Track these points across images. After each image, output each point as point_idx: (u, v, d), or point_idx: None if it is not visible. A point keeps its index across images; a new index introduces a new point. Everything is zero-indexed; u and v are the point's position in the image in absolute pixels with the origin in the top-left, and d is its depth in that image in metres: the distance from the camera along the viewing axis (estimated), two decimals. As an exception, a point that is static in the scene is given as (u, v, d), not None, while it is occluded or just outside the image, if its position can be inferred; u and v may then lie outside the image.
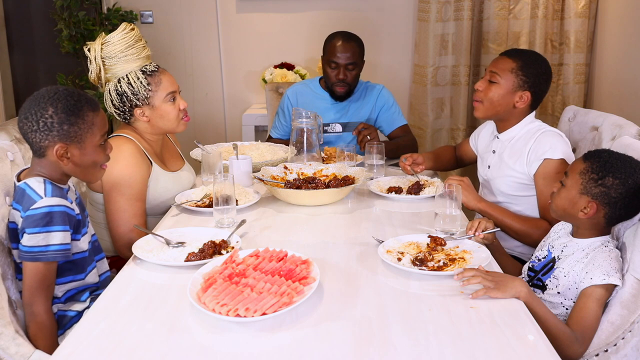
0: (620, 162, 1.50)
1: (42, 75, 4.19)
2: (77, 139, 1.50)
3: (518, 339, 1.20)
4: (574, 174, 1.54)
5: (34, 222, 1.44)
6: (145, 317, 1.30)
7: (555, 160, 1.88)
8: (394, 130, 2.80)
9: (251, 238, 1.76)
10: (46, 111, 1.46)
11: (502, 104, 1.97)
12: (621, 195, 1.47)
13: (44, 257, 1.45)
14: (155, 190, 2.03)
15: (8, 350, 1.34)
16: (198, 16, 3.98)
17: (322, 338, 1.21)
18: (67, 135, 1.48)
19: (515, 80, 1.94)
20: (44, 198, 1.46)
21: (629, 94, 3.22)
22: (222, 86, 4.09)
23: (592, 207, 1.49)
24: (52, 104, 1.46)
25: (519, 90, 1.95)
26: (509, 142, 2.02)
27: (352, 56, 2.64)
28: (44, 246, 1.45)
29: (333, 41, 2.67)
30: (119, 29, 1.99)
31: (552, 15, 3.74)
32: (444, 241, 1.63)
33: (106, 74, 1.99)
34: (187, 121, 2.09)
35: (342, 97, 2.75)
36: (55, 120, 1.46)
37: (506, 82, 1.95)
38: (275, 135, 2.91)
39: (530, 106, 1.99)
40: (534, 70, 1.95)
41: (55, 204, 1.46)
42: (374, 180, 2.26)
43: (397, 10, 3.94)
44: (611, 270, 1.45)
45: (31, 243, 1.44)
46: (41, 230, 1.44)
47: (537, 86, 1.96)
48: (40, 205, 1.45)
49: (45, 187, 1.48)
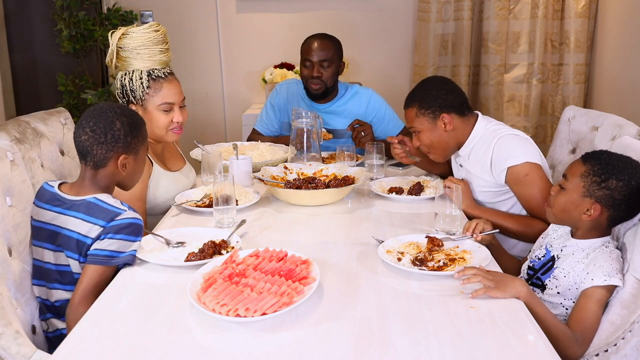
0: (622, 164, 1.49)
1: (42, 75, 4.19)
2: (134, 151, 1.65)
3: (518, 339, 1.20)
4: (574, 177, 1.53)
5: (122, 230, 1.53)
6: (145, 317, 1.30)
7: (519, 165, 1.88)
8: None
9: (251, 238, 1.76)
10: (114, 125, 1.60)
11: (439, 139, 2.00)
12: (625, 197, 1.47)
13: (116, 261, 1.53)
14: (155, 190, 2.03)
15: (9, 350, 1.34)
16: (198, 16, 3.98)
17: (322, 338, 1.21)
18: (129, 147, 1.63)
19: (424, 119, 1.98)
20: (127, 211, 1.56)
21: (629, 94, 3.22)
22: (222, 86, 4.09)
23: (596, 209, 1.49)
24: (119, 119, 1.61)
25: (437, 121, 1.97)
26: (470, 154, 2.03)
27: (326, 54, 2.62)
28: (121, 252, 1.53)
29: (307, 41, 2.68)
30: (145, 25, 2.04)
31: (552, 15, 3.74)
32: (441, 242, 1.63)
33: (118, 62, 2.06)
34: (177, 133, 2.08)
35: (317, 96, 2.70)
36: (122, 133, 1.61)
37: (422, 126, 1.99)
38: (259, 127, 2.87)
39: (460, 118, 1.99)
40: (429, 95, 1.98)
41: (137, 217, 1.58)
42: (375, 180, 2.26)
43: (397, 10, 3.94)
44: (612, 271, 1.45)
45: (113, 247, 1.52)
46: (127, 238, 1.54)
47: (444, 103, 1.97)
48: (126, 216, 1.55)
49: (122, 203, 1.59)
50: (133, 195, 1.90)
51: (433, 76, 2.05)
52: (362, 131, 2.55)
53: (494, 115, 3.78)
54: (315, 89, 2.67)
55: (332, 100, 2.75)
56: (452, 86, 2.04)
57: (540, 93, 3.85)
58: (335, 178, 2.11)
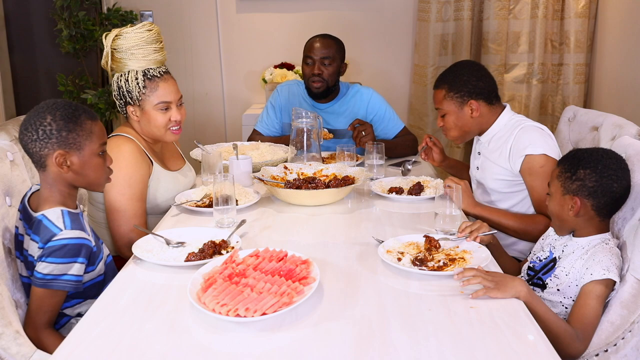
0: (587, 154, 1.54)
1: (42, 75, 4.19)
2: (75, 146, 1.50)
3: (518, 339, 1.20)
4: (553, 179, 1.59)
5: (54, 252, 1.45)
6: (145, 317, 1.30)
7: (537, 156, 1.90)
8: (394, 138, 2.78)
9: (251, 238, 1.76)
10: (45, 119, 1.47)
11: (463, 125, 2.03)
12: (597, 182, 1.50)
13: (55, 285, 1.46)
14: (155, 190, 2.03)
15: (9, 350, 1.34)
16: (198, 16, 3.98)
17: (322, 338, 1.21)
18: (66, 142, 1.49)
19: (452, 102, 2.01)
20: (64, 230, 1.47)
21: (629, 94, 3.22)
22: (222, 86, 4.09)
23: (576, 202, 1.52)
24: (50, 113, 1.48)
25: (464, 106, 2.00)
26: (490, 142, 2.05)
27: (328, 51, 2.63)
28: (59, 275, 1.46)
29: (310, 40, 2.70)
30: (138, 25, 2.02)
31: (552, 15, 3.74)
32: (438, 243, 1.63)
33: (113, 64, 2.03)
34: (176, 133, 2.05)
35: (318, 95, 2.70)
36: (53, 128, 1.47)
37: (449, 108, 2.02)
38: (259, 128, 2.87)
39: (488, 106, 2.01)
40: (460, 80, 2.00)
41: (76, 236, 1.48)
42: (375, 180, 2.26)
43: (397, 10, 3.94)
44: (611, 266, 1.46)
45: (47, 271, 1.45)
46: (60, 261, 1.46)
47: (474, 89, 1.99)
48: (61, 237, 1.46)
49: (64, 219, 1.49)
50: (133, 196, 1.90)
51: (466, 60, 2.06)
52: (362, 130, 2.55)
53: (494, 115, 3.78)
54: (316, 87, 2.67)
55: (333, 100, 2.76)
56: (484, 73, 2.05)
57: (540, 93, 3.85)
58: (335, 178, 2.11)
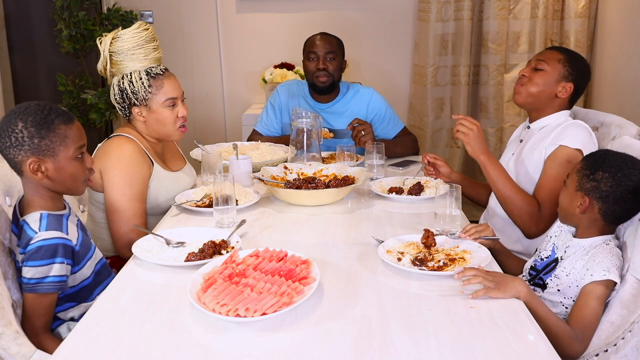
0: (613, 158, 1.53)
1: (42, 75, 4.19)
2: (49, 153, 1.47)
3: (518, 339, 1.20)
4: (572, 173, 1.59)
5: (31, 256, 1.46)
6: (145, 317, 1.30)
7: (571, 149, 1.87)
8: (394, 138, 2.78)
9: (251, 238, 1.76)
10: (16, 126, 1.44)
11: (545, 91, 2.00)
12: (611, 189, 1.49)
13: (40, 288, 1.46)
14: (156, 190, 2.03)
15: (9, 350, 1.34)
16: (198, 16, 3.98)
17: (322, 338, 1.21)
18: (39, 149, 1.46)
19: (561, 70, 1.99)
20: (38, 233, 1.47)
21: (629, 94, 3.22)
22: (222, 86, 4.09)
23: (585, 201, 1.52)
24: (21, 119, 1.45)
25: (563, 81, 1.99)
26: (538, 131, 2.03)
27: (330, 47, 2.67)
28: (42, 278, 1.46)
29: (311, 38, 2.73)
30: (133, 26, 2.01)
31: (552, 15, 3.74)
32: (435, 242, 1.63)
33: (112, 68, 2.01)
34: (183, 131, 2.06)
35: (323, 90, 2.70)
36: (25, 135, 1.44)
37: (553, 71, 1.99)
38: (259, 128, 2.87)
39: (569, 100, 2.02)
40: (579, 64, 2.01)
41: (51, 237, 1.47)
42: (375, 180, 2.26)
43: (397, 10, 3.94)
44: (612, 267, 1.46)
45: (29, 275, 1.46)
46: (39, 264, 1.45)
47: (580, 80, 2.01)
48: (36, 240, 1.46)
49: (41, 222, 1.48)
50: (133, 196, 1.90)
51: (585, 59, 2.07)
52: (362, 130, 2.55)
53: (494, 115, 3.79)
54: (322, 82, 2.68)
55: (333, 100, 2.76)
56: (588, 82, 2.08)
57: (540, 93, 3.85)
58: (335, 178, 2.11)
